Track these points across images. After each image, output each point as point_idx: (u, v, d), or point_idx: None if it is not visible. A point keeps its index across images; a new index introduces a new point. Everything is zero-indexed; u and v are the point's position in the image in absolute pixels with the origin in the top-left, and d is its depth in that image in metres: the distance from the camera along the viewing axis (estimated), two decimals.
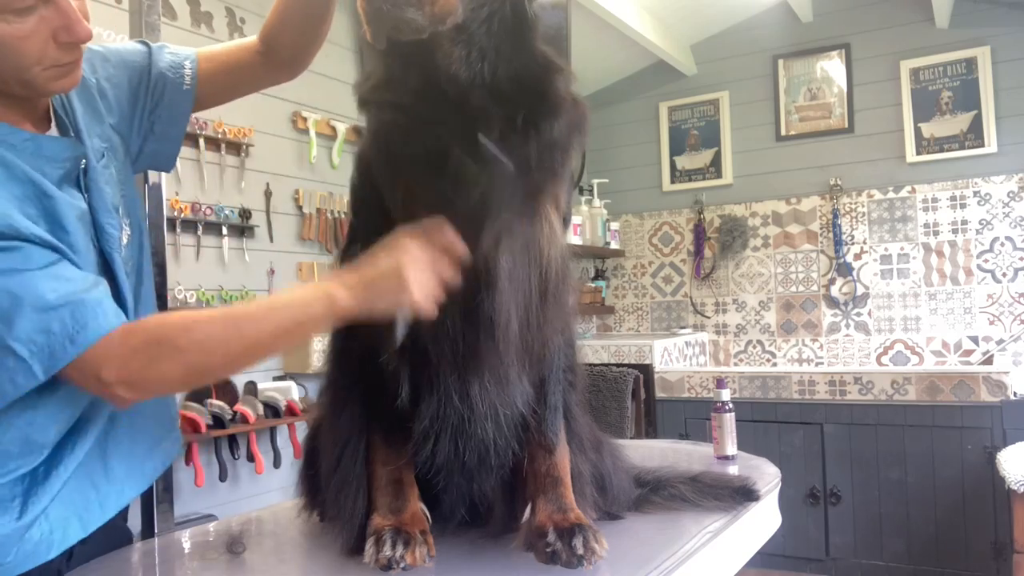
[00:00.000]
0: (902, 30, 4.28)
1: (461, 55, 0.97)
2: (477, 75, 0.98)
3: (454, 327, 1.01)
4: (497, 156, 0.97)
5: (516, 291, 1.02)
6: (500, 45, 0.99)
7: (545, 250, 1.04)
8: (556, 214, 1.06)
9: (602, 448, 1.28)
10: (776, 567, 3.63)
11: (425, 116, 1.00)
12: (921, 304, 4.26)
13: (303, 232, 3.39)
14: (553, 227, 1.05)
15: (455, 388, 1.04)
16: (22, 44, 0.98)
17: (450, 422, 1.05)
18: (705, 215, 4.79)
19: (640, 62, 4.82)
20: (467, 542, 1.15)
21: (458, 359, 1.03)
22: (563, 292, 1.08)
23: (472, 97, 0.98)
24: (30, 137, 1.06)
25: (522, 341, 1.05)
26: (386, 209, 1.06)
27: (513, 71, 1.00)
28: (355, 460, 1.12)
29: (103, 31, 2.49)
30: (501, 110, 0.99)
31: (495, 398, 1.05)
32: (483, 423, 1.05)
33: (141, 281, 1.24)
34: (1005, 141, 4.06)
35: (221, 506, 2.89)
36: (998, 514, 3.28)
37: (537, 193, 1.02)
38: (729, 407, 1.80)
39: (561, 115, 1.01)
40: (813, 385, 3.72)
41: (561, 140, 1.02)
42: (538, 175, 1.01)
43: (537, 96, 1.01)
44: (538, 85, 1.02)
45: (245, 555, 1.22)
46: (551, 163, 1.02)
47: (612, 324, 5.10)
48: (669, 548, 1.12)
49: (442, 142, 0.99)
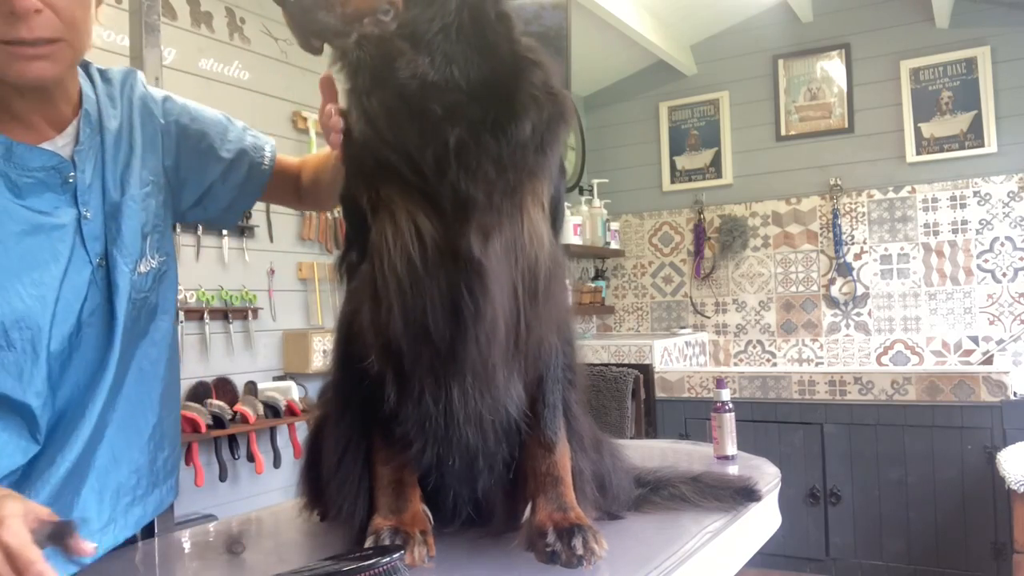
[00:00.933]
0: (902, 30, 4.28)
1: (424, 62, 0.97)
2: (449, 80, 0.98)
3: (436, 331, 0.99)
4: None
5: (501, 292, 1.00)
6: (464, 50, 0.99)
7: (529, 248, 1.02)
8: (540, 212, 1.05)
9: (602, 448, 1.28)
10: (776, 567, 3.63)
11: (394, 126, 1.00)
12: (921, 304, 4.26)
13: (303, 232, 3.39)
14: (536, 224, 1.04)
15: (432, 392, 1.03)
16: None
17: (432, 428, 1.04)
18: (705, 215, 4.79)
19: (640, 62, 4.82)
20: (467, 542, 1.15)
21: (437, 363, 1.02)
22: (554, 290, 1.07)
23: (443, 103, 0.98)
24: (3, 140, 1.06)
25: (511, 343, 1.04)
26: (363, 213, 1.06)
27: (483, 74, 1.00)
28: (356, 461, 1.12)
29: (103, 31, 2.49)
30: (473, 114, 0.99)
31: (479, 403, 1.03)
32: (464, 428, 1.04)
33: (153, 316, 1.23)
34: (1005, 141, 4.06)
35: (221, 506, 2.89)
36: (998, 514, 3.29)
37: (514, 193, 1.01)
38: (729, 407, 1.80)
39: (528, 115, 1.00)
40: (813, 385, 3.72)
41: (535, 138, 1.01)
42: (513, 175, 1.00)
43: (504, 98, 1.00)
44: (507, 86, 1.01)
45: (245, 555, 1.22)
46: (524, 162, 1.01)
47: (612, 324, 5.10)
48: (669, 548, 1.12)
49: (412, 150, 0.99)
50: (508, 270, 1.01)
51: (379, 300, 1.01)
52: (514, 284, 1.02)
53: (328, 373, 1.23)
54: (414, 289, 0.99)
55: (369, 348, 1.04)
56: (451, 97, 0.98)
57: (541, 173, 1.04)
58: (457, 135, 0.97)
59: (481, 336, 1.00)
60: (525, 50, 1.04)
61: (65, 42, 1.03)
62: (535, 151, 1.02)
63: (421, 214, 1.00)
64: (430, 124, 0.98)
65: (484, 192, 0.98)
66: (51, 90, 1.09)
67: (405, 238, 1.00)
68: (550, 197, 1.07)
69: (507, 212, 1.01)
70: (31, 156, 1.09)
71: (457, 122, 0.98)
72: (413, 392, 1.04)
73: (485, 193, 0.98)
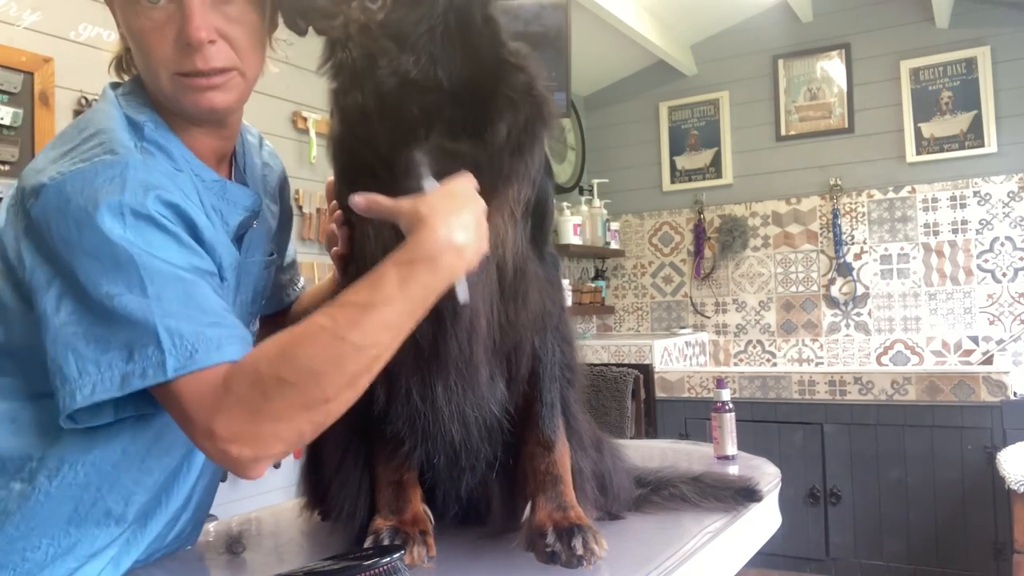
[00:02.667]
0: (902, 30, 4.28)
1: (408, 61, 0.98)
2: (431, 80, 0.99)
3: (418, 329, 0.98)
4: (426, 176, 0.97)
5: (479, 290, 1.01)
6: (449, 52, 1.00)
7: (493, 251, 1.01)
8: (507, 215, 1.04)
9: (602, 447, 1.28)
10: (776, 567, 3.63)
11: (369, 126, 1.00)
12: (921, 304, 4.26)
13: (303, 232, 3.39)
14: (497, 228, 1.02)
15: (418, 390, 1.03)
16: (149, 40, 0.98)
17: (419, 425, 1.05)
18: (705, 215, 4.79)
19: (640, 62, 4.82)
20: (467, 542, 1.16)
21: (422, 361, 1.02)
22: (526, 291, 1.07)
23: (421, 104, 0.99)
24: (218, 179, 1.07)
25: (492, 342, 1.04)
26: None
27: (464, 76, 1.01)
28: (357, 461, 1.13)
29: (103, 31, 2.49)
30: (451, 116, 0.99)
31: (463, 400, 1.04)
32: (449, 425, 1.04)
33: None
34: (1005, 141, 4.06)
35: (221, 506, 2.88)
36: (998, 514, 3.28)
37: (489, 198, 1.00)
38: (729, 407, 1.80)
39: (503, 117, 1.00)
40: (813, 385, 3.72)
41: (510, 141, 1.01)
42: (489, 179, 1.00)
43: (484, 101, 1.01)
44: (487, 88, 1.02)
45: (245, 555, 1.22)
46: (500, 166, 1.02)
47: (612, 324, 5.10)
48: (669, 548, 1.12)
49: (390, 151, 0.99)
50: (482, 269, 1.01)
51: None
52: (491, 284, 1.03)
53: None
54: None
55: None
56: (430, 99, 0.99)
57: (515, 176, 1.04)
58: (429, 138, 0.98)
59: (461, 335, 1.01)
60: (509, 54, 1.05)
61: (237, 71, 1.03)
62: (511, 154, 1.02)
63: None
64: (404, 126, 0.99)
65: None
66: (224, 121, 1.09)
67: (384, 238, 1.00)
68: (526, 199, 1.07)
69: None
70: (242, 195, 1.10)
71: (432, 124, 0.99)
72: (401, 390, 1.04)
73: None
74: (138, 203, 0.91)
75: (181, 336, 0.88)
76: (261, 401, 0.87)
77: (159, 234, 0.92)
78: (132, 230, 0.90)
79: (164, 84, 1.01)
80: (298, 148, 3.39)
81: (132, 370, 0.88)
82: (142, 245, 0.90)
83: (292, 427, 0.89)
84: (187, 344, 0.88)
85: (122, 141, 0.97)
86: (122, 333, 0.88)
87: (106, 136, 0.97)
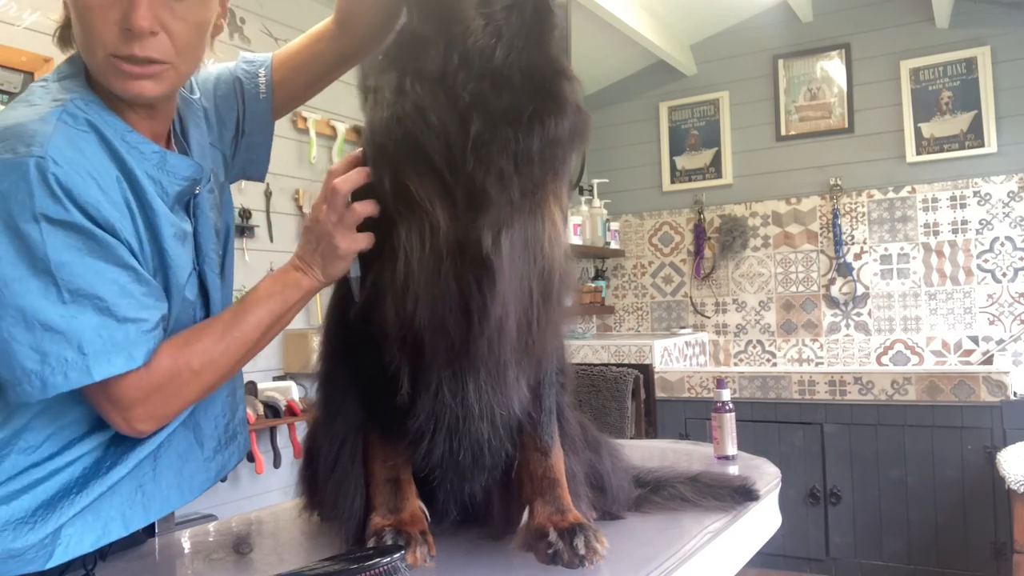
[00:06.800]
0: (902, 30, 4.28)
1: (479, 26, 0.97)
2: (490, 53, 0.98)
3: (452, 323, 0.99)
4: None
5: (515, 289, 1.00)
6: (517, 34, 0.99)
7: (547, 249, 1.02)
8: (559, 213, 1.05)
9: (600, 448, 1.28)
10: (776, 567, 3.63)
11: (427, 100, 0.99)
12: (921, 304, 4.26)
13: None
14: (556, 226, 1.04)
15: (449, 386, 1.03)
16: (93, 16, 0.98)
17: (445, 421, 1.04)
18: (705, 215, 4.79)
19: (640, 62, 4.82)
20: (467, 542, 1.16)
21: (453, 356, 1.02)
22: (564, 294, 1.07)
23: (481, 79, 0.98)
24: (158, 151, 1.07)
25: (520, 342, 1.03)
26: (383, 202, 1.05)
27: (525, 64, 1.00)
28: (353, 459, 1.12)
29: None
30: (507, 100, 0.98)
31: (492, 398, 1.04)
32: (479, 423, 1.04)
33: (229, 301, 1.26)
34: (1005, 141, 4.06)
35: (221, 506, 2.89)
36: (998, 514, 3.29)
37: (538, 189, 1.01)
38: (729, 407, 1.80)
39: (566, 116, 1.01)
40: (813, 385, 3.72)
41: (564, 140, 1.01)
42: (540, 170, 1.00)
43: (546, 94, 1.01)
44: (548, 84, 1.02)
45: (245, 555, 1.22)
46: (553, 160, 1.01)
47: (612, 324, 5.10)
48: (669, 548, 1.12)
49: (441, 130, 0.98)
50: (522, 269, 1.00)
51: (404, 290, 1.00)
52: (529, 284, 1.02)
53: (315, 368, 1.21)
54: (433, 281, 0.99)
55: (383, 339, 1.03)
56: (480, 85, 0.98)
57: (563, 175, 1.05)
58: (479, 125, 0.97)
59: (490, 333, 1.00)
60: (564, 62, 1.06)
61: (171, 66, 1.03)
62: (563, 152, 1.02)
63: (439, 205, 0.99)
64: (457, 112, 0.98)
65: (499, 187, 0.98)
66: (155, 107, 1.09)
67: (426, 230, 0.99)
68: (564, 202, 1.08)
69: (526, 210, 1.01)
70: (182, 165, 1.10)
71: (482, 111, 0.97)
72: (431, 385, 1.03)
73: (500, 188, 0.98)
74: (50, 208, 0.92)
75: (96, 341, 0.95)
76: (179, 388, 1.03)
77: (74, 238, 0.94)
78: (48, 235, 0.92)
79: (98, 61, 1.01)
80: (298, 148, 3.39)
81: (49, 373, 0.93)
82: (57, 250, 0.93)
83: (188, 406, 1.08)
84: (104, 347, 0.95)
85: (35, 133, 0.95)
86: (39, 339, 0.93)
87: (16, 131, 0.95)
